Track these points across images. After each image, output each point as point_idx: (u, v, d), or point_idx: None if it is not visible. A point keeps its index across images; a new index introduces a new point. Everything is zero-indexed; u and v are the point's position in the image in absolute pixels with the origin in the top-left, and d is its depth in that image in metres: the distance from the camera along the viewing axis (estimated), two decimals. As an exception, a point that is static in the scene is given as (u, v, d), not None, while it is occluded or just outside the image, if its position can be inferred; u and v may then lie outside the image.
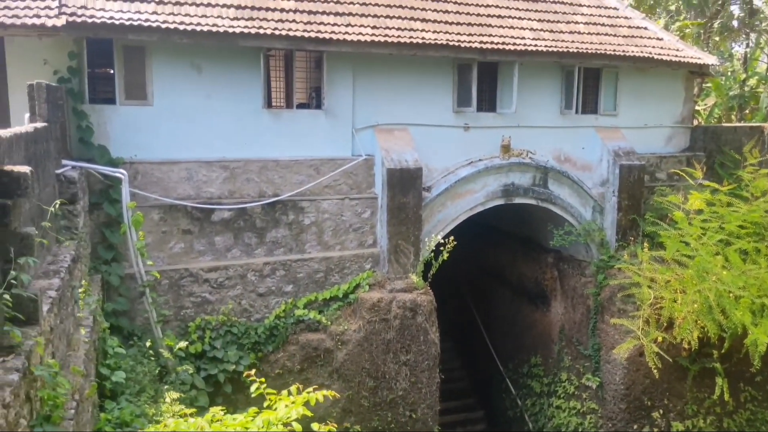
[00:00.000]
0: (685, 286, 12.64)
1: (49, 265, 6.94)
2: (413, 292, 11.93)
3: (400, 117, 12.69)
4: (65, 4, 9.91)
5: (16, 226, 4.85)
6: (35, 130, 6.85)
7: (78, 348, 6.93)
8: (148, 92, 10.87)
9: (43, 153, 7.32)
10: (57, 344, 5.94)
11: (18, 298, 4.66)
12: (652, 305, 12.85)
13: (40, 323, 5.00)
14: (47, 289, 5.95)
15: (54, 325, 5.77)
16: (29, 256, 4.85)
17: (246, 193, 11.55)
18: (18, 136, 5.76)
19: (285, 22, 11.22)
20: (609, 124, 14.72)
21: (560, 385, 15.18)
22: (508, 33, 13.13)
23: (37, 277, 6.37)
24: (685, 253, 12.88)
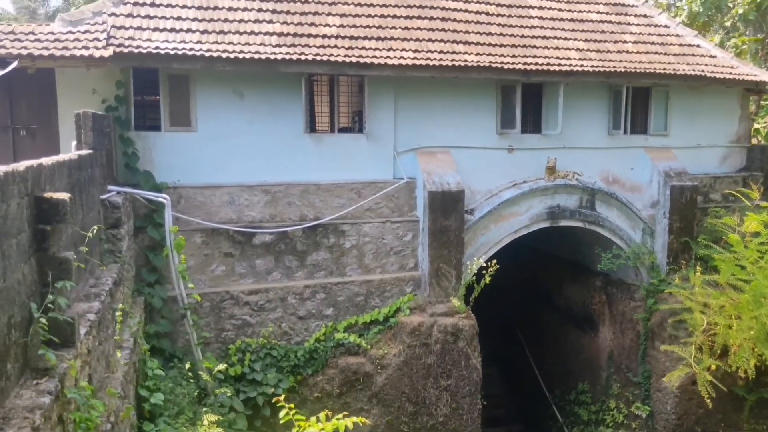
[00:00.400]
0: (741, 311, 12.15)
1: (91, 288, 7.19)
2: (455, 316, 11.83)
3: (442, 139, 12.71)
4: (113, 36, 10.37)
5: (54, 251, 5.05)
6: (79, 158, 7.15)
7: (116, 370, 7.14)
8: (192, 119, 11.21)
9: (87, 179, 7.62)
10: (95, 366, 6.13)
11: (55, 321, 4.83)
12: (705, 331, 12.39)
13: (76, 346, 5.17)
14: (87, 312, 6.16)
15: (92, 347, 5.96)
16: (67, 280, 5.03)
17: (287, 217, 11.73)
18: (61, 163, 6.02)
19: (327, 48, 11.44)
20: (659, 145, 14.38)
21: (608, 414, 14.72)
22: (554, 54, 13.04)
23: (78, 300, 6.60)
24: (741, 278, 12.37)
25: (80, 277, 6.91)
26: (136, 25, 10.82)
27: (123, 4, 11.15)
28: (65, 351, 5.05)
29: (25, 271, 4.49)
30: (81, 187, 7.24)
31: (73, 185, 6.79)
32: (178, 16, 11.23)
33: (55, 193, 5.21)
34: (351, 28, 12.06)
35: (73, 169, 6.77)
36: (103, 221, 8.86)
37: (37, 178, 5.12)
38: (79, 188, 7.11)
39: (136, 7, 11.19)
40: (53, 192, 5.45)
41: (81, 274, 6.93)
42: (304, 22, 11.86)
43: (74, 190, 6.80)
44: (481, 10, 13.51)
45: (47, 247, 4.98)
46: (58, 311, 4.94)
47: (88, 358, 5.78)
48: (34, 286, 4.78)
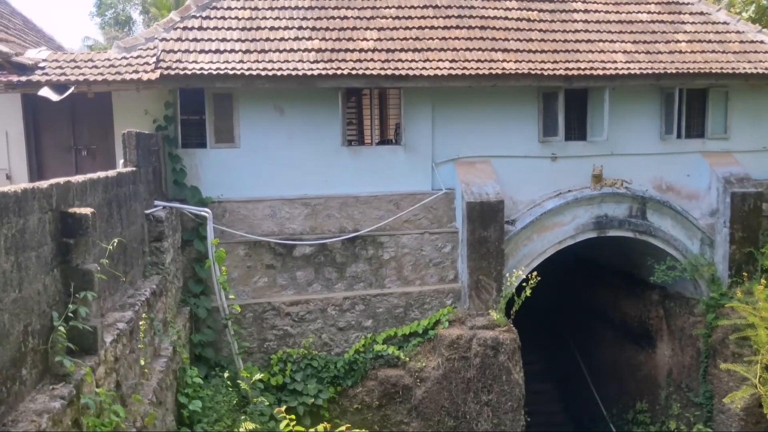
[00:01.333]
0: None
1: (128, 298, 7.93)
2: (495, 329, 12.01)
3: (482, 149, 12.96)
4: (162, 59, 11.28)
5: (79, 262, 5.73)
6: (118, 175, 7.93)
7: (150, 377, 7.81)
8: (236, 135, 11.99)
9: (128, 195, 8.40)
10: (125, 373, 6.79)
11: (76, 329, 5.48)
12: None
13: (98, 354, 5.81)
14: (118, 321, 6.85)
15: (121, 355, 6.63)
16: (90, 291, 5.69)
17: (327, 229, 12.30)
18: (94, 180, 6.76)
19: (363, 62, 11.96)
20: (719, 149, 14.06)
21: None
22: (598, 57, 13.06)
23: (114, 310, 7.32)
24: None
25: (117, 287, 7.66)
26: (184, 48, 11.71)
27: (173, 29, 12.09)
28: (87, 358, 5.68)
29: (46, 281, 5.16)
30: (120, 202, 8.01)
31: (111, 201, 7.56)
32: (223, 38, 12.06)
33: (83, 208, 5.88)
34: (388, 41, 12.55)
35: (110, 185, 7.53)
36: (147, 235, 9.68)
37: (64, 195, 5.83)
38: (117, 203, 7.88)
39: (185, 31, 12.10)
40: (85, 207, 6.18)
41: (118, 285, 7.67)
42: (342, 37, 12.45)
43: (111, 205, 7.57)
44: (522, 17, 13.70)
45: (70, 260, 5.64)
46: (81, 320, 5.58)
47: (115, 365, 6.44)
48: (58, 296, 5.45)
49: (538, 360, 19.50)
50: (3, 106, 11.03)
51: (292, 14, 12.79)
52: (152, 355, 8.45)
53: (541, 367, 19.35)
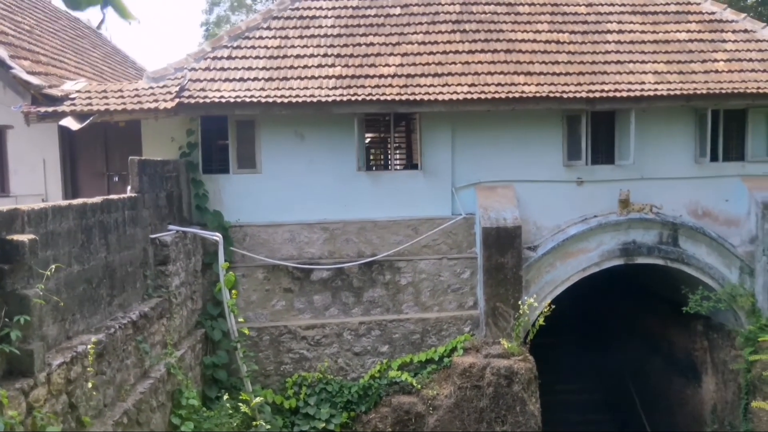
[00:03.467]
0: None
1: (111, 320, 7.47)
2: (511, 358, 10.85)
3: (504, 173, 11.96)
4: (187, 88, 11.04)
5: (15, 287, 5.26)
6: (104, 201, 7.55)
7: (126, 398, 7.28)
8: (257, 161, 11.56)
9: (120, 221, 8.02)
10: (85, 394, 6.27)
11: (11, 353, 5.04)
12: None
13: (35, 376, 5.32)
14: (80, 344, 6.36)
15: (77, 377, 6.13)
16: (25, 315, 5.21)
17: (345, 254, 11.59)
18: (61, 207, 6.37)
19: (381, 87, 11.31)
20: (761, 172, 12.41)
21: (713, 475, 12.64)
22: (626, 79, 11.84)
23: (87, 332, 6.86)
24: None
25: (96, 310, 7.21)
26: (210, 78, 11.46)
27: (203, 59, 11.88)
28: (21, 380, 5.20)
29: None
30: (106, 227, 7.61)
31: (91, 227, 7.16)
32: (249, 67, 11.73)
33: (25, 235, 5.44)
34: (410, 66, 11.85)
35: (90, 211, 7.14)
36: (153, 258, 9.27)
37: (9, 222, 5.41)
38: (102, 229, 7.47)
39: (214, 61, 11.87)
40: (42, 233, 5.78)
41: (97, 308, 7.23)
42: (364, 63, 11.86)
43: (91, 231, 7.16)
44: (551, 39, 12.67)
45: (5, 284, 5.18)
46: (12, 344, 5.11)
47: (67, 387, 5.94)
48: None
49: (595, 389, 17.99)
50: (41, 135, 11.06)
51: (320, 42, 12.33)
52: (139, 376, 7.96)
53: (598, 396, 17.84)
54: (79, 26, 18.64)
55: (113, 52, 19.71)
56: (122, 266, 8.11)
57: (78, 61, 14.58)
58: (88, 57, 16.10)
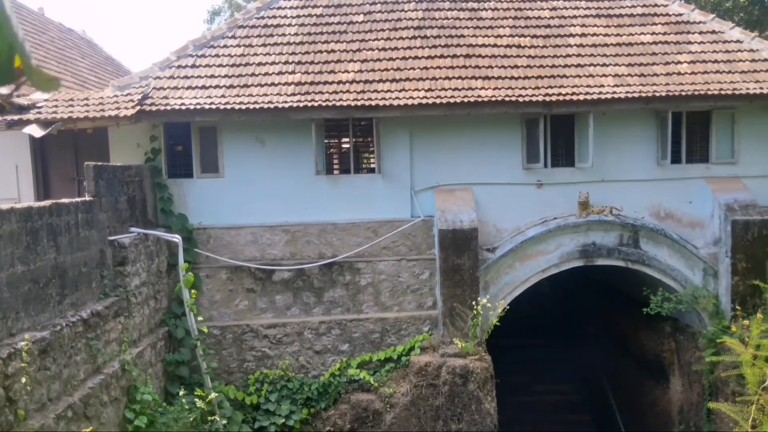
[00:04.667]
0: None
1: (60, 318, 8.23)
2: (467, 357, 11.44)
3: (463, 177, 12.54)
4: (150, 96, 11.81)
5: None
6: (52, 205, 8.32)
7: (73, 393, 8.04)
8: (220, 166, 12.29)
9: (72, 223, 8.78)
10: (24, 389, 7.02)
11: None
12: None
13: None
14: (20, 341, 7.12)
15: (15, 372, 6.88)
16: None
17: (306, 255, 12.28)
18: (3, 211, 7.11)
19: (338, 93, 11.96)
20: (725, 174, 12.80)
21: (680, 477, 13.10)
22: (584, 82, 12.33)
23: (32, 329, 7.63)
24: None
25: (44, 308, 7.99)
26: (173, 86, 12.20)
27: (168, 68, 12.65)
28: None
29: None
30: (56, 230, 8.37)
31: (37, 229, 7.92)
32: (212, 75, 12.46)
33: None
34: (369, 72, 12.47)
35: (36, 214, 7.90)
36: (111, 259, 10.05)
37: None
38: (51, 231, 8.24)
39: (178, 69, 12.62)
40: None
41: (45, 306, 8.00)
42: (324, 70, 12.52)
43: (37, 234, 7.93)
44: (512, 43, 13.20)
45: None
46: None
47: (5, 382, 6.69)
48: None
49: (575, 389, 18.51)
50: (13, 142, 11.93)
51: (282, 50, 13.03)
52: (90, 372, 8.72)
53: (578, 397, 18.36)
54: (71, 37, 19.69)
55: (105, 62, 20.67)
56: (75, 267, 8.88)
57: (59, 71, 15.48)
58: (73, 66, 17.03)
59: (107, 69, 19.53)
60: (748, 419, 10.64)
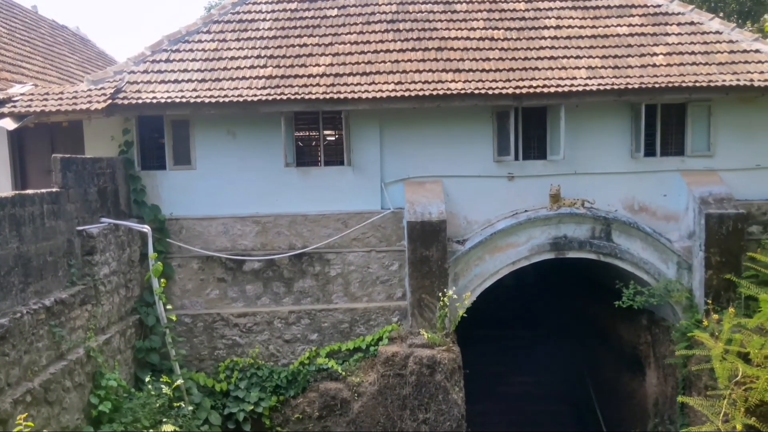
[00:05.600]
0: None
1: (22, 306, 8.78)
2: (435, 348, 11.84)
3: (434, 169, 12.88)
4: (123, 91, 12.30)
5: None
6: (15, 195, 8.84)
7: (33, 378, 8.59)
8: (192, 158, 12.77)
9: (38, 214, 9.30)
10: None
11: None
12: (740, 384, 10.90)
13: None
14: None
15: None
16: None
17: (277, 246, 12.74)
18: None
19: (308, 87, 12.35)
20: (701, 167, 12.99)
21: (655, 470, 13.41)
22: (557, 74, 12.59)
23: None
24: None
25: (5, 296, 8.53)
26: (147, 80, 12.70)
27: (143, 63, 13.15)
28: None
29: None
30: (20, 220, 8.90)
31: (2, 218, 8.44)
32: (184, 69, 12.94)
33: None
34: (340, 66, 12.85)
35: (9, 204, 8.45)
36: (80, 249, 10.60)
37: None
38: (15, 221, 8.76)
39: (153, 64, 13.12)
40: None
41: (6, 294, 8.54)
42: (295, 64, 12.93)
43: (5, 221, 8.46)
44: (485, 36, 13.50)
45: None
46: None
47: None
48: None
49: (557, 381, 18.87)
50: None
51: (255, 44, 13.47)
52: (53, 358, 9.26)
53: (559, 388, 18.72)
54: (63, 34, 20.38)
55: (97, 57, 21.32)
56: (40, 256, 9.40)
57: (44, 66, 16.12)
58: (60, 62, 17.66)
59: (97, 64, 20.14)
60: (719, 413, 10.94)
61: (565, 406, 18.22)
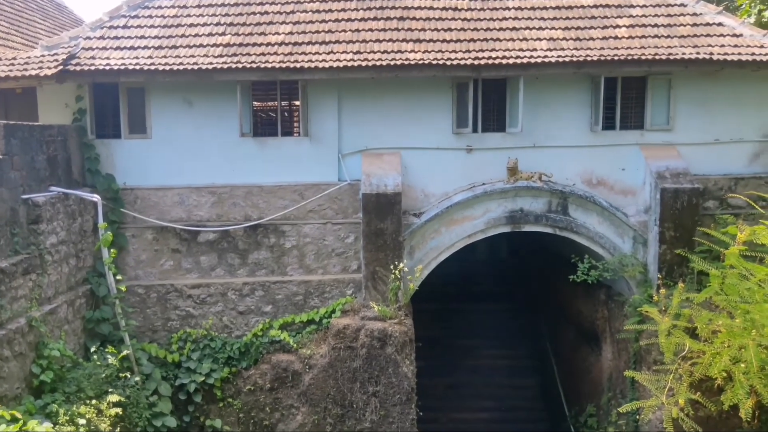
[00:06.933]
0: (732, 339, 10.35)
1: (-47, 273, 8.50)
2: (387, 321, 11.63)
3: (392, 140, 12.58)
4: (77, 57, 11.88)
5: None
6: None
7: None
8: (148, 127, 12.41)
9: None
10: None
11: None
12: (687, 359, 10.77)
13: None
14: None
15: None
16: None
17: (233, 217, 12.45)
18: None
19: (265, 55, 11.96)
20: (660, 141, 12.73)
21: (607, 443, 13.34)
22: (517, 46, 12.23)
23: None
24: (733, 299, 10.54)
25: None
26: (103, 46, 12.27)
27: (100, 28, 12.70)
28: None
29: None
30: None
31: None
32: (141, 35, 12.51)
33: None
34: (299, 34, 12.46)
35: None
36: (25, 218, 10.28)
37: None
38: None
39: (110, 30, 12.68)
40: None
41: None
42: (254, 32, 12.52)
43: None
44: (448, 5, 13.12)
45: None
46: None
47: None
48: None
49: (524, 356, 18.80)
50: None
51: (215, 11, 13.03)
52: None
53: (526, 363, 18.67)
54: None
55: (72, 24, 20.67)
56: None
57: (8, 32, 15.61)
58: (28, 27, 17.10)
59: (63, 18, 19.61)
60: (664, 388, 10.82)
61: (531, 380, 18.16)
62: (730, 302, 10.52)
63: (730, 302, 10.52)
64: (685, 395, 10.37)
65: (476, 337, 18.57)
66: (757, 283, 10.30)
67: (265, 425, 11.98)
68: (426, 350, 16.47)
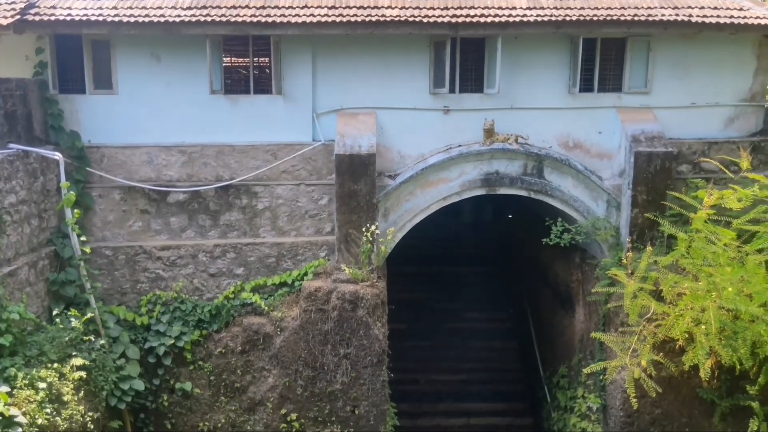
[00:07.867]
0: (695, 301, 10.31)
1: None
2: (359, 283, 11.37)
3: (368, 100, 12.15)
4: (36, 6, 11.13)
5: None
6: None
7: None
8: (114, 82, 11.80)
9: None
10: None
11: None
12: (651, 321, 10.71)
13: None
14: None
15: None
16: None
17: (204, 177, 11.99)
18: None
19: (236, 9, 11.35)
20: (637, 104, 12.49)
21: (576, 402, 13.40)
22: (495, 3, 11.78)
23: None
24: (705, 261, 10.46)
25: None
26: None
27: (61, -23, 11.90)
28: None
29: None
30: None
31: None
32: (106, -15, 11.75)
33: None
34: (272, -12, 11.81)
35: None
36: (-19, 175, 9.72)
37: None
38: None
39: (72, -22, 11.88)
40: None
41: None
42: (226, -16, 11.84)
43: None
44: (426, -39, 12.52)
45: None
46: None
47: None
48: None
49: (506, 319, 18.81)
50: None
51: (184, -39, 12.29)
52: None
53: (508, 325, 18.70)
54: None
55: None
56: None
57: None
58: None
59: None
60: (628, 349, 10.78)
61: (510, 343, 18.24)
62: (696, 265, 10.50)
63: (695, 265, 10.51)
64: (648, 356, 10.39)
65: (458, 300, 18.53)
66: (723, 246, 10.26)
67: (236, 387, 11.75)
68: (407, 312, 16.41)
